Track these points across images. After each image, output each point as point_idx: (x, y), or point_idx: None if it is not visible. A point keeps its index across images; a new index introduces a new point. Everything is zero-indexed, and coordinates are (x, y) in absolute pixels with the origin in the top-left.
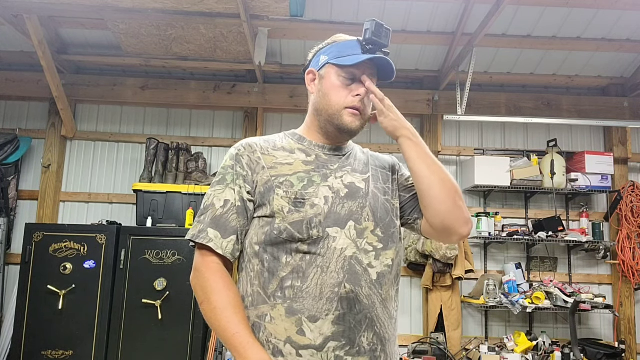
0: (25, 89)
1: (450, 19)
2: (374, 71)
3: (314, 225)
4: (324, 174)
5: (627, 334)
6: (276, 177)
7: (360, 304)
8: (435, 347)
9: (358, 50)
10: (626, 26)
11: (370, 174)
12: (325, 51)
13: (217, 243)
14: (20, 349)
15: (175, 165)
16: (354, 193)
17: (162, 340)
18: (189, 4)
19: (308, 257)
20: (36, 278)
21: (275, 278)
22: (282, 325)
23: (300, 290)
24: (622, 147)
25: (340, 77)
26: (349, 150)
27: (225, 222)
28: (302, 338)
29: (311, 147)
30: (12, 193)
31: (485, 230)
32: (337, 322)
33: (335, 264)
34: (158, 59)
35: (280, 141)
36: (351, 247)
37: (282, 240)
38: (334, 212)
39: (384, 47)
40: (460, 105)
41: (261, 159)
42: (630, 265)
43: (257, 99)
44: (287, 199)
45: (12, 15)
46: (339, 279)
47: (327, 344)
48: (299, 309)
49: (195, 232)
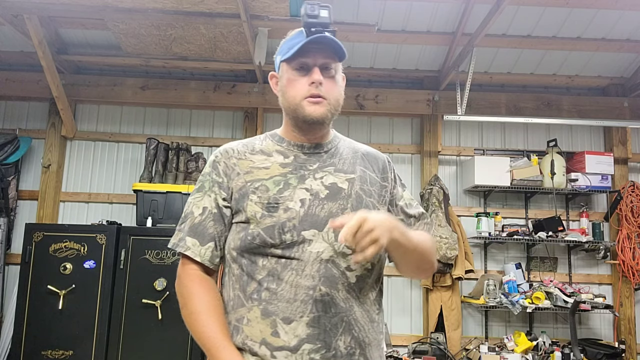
0: (25, 89)
1: (450, 19)
2: (327, 53)
3: (286, 229)
4: (302, 176)
5: (627, 334)
6: (252, 182)
7: (336, 306)
8: (435, 347)
9: (303, 38)
10: (626, 26)
11: (357, 174)
12: (279, 52)
13: (195, 251)
14: (20, 349)
15: (175, 165)
16: (335, 194)
17: (162, 340)
18: (189, 4)
19: (283, 261)
20: (36, 278)
21: (253, 281)
22: (258, 327)
23: (275, 293)
24: (622, 147)
25: (292, 71)
26: (332, 147)
27: (203, 229)
28: (276, 339)
29: (290, 147)
30: (12, 193)
31: (485, 230)
32: (311, 325)
33: (311, 267)
34: (158, 59)
35: (259, 143)
36: (328, 251)
37: (256, 245)
38: (311, 215)
39: (327, 25)
40: (460, 105)
41: (237, 165)
42: (630, 265)
43: (257, 99)
44: (260, 204)
45: (12, 15)
46: (313, 282)
47: (302, 346)
48: (274, 310)
49: (176, 241)
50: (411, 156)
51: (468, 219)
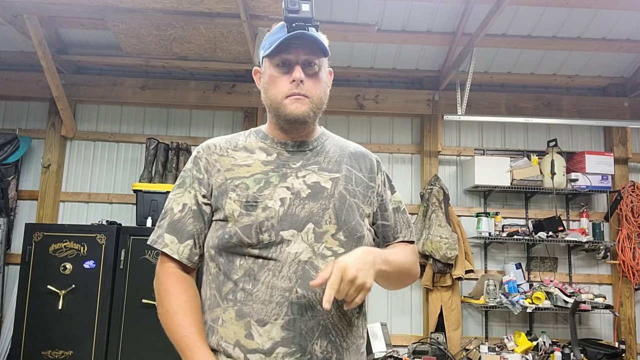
0: (25, 89)
1: (450, 19)
2: (310, 49)
3: (264, 229)
4: (283, 174)
5: (627, 334)
6: (232, 179)
7: (313, 310)
8: (435, 347)
9: (284, 33)
10: (626, 26)
11: (342, 174)
12: (262, 46)
13: (173, 248)
14: (20, 349)
15: (175, 165)
16: (317, 193)
17: (162, 340)
18: (189, 4)
19: (260, 261)
20: (36, 278)
21: (229, 281)
22: (232, 329)
23: (250, 294)
24: (622, 147)
25: (274, 68)
26: (318, 145)
27: (182, 226)
28: (250, 342)
29: (273, 144)
30: (12, 193)
31: (485, 230)
32: (286, 328)
33: (288, 268)
34: (158, 59)
35: (243, 140)
36: (307, 252)
37: (233, 244)
38: (291, 214)
39: (309, 20)
40: (460, 105)
41: (218, 161)
42: (630, 265)
43: (257, 99)
44: (239, 202)
45: (12, 15)
46: (290, 284)
47: (276, 349)
48: (248, 312)
49: (154, 237)
50: (411, 156)
51: (468, 219)
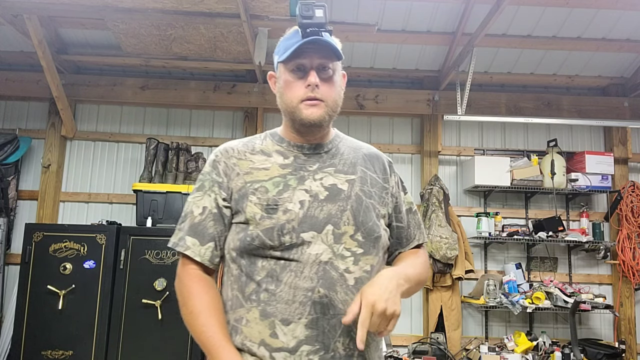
0: (25, 89)
1: (450, 19)
2: (324, 53)
3: (285, 231)
4: (301, 177)
5: (627, 334)
6: (251, 182)
7: (335, 308)
8: (435, 347)
9: (299, 38)
10: (626, 26)
11: (357, 175)
12: (276, 51)
13: (195, 250)
14: (20, 349)
15: (175, 165)
16: (335, 195)
17: (162, 340)
18: (189, 4)
19: (282, 262)
20: (36, 278)
21: (252, 282)
22: (256, 328)
23: (274, 294)
24: (622, 147)
25: (289, 73)
26: (333, 147)
27: (203, 229)
28: (275, 341)
29: (290, 148)
30: (12, 193)
31: (485, 230)
32: (310, 326)
33: (310, 269)
34: (158, 59)
35: (260, 143)
36: (327, 253)
37: (255, 246)
38: (310, 216)
39: (322, 25)
40: (460, 105)
41: (237, 165)
42: (631, 265)
43: (257, 99)
44: (259, 205)
45: (12, 15)
46: (312, 284)
47: (300, 348)
48: (272, 312)
49: (176, 240)
50: (411, 156)
51: (468, 219)
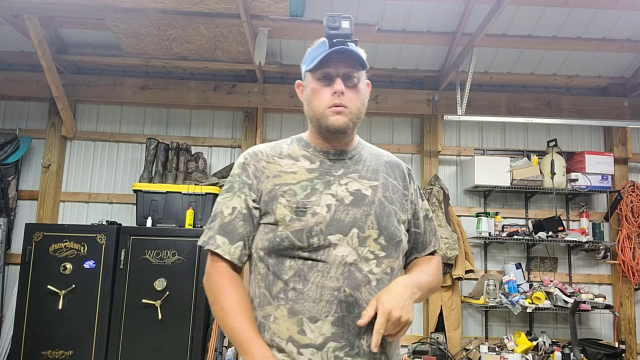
0: (25, 89)
1: (450, 19)
2: (350, 62)
3: (314, 233)
4: (327, 181)
5: (627, 334)
6: (280, 185)
7: (360, 307)
8: (435, 347)
9: (326, 48)
10: (626, 26)
11: (380, 182)
12: (304, 61)
13: (225, 249)
14: (20, 349)
15: (175, 165)
16: (359, 200)
17: (162, 340)
18: (189, 4)
19: (309, 262)
20: (36, 278)
21: (279, 281)
22: (285, 325)
23: (302, 293)
24: (622, 147)
25: (316, 81)
26: (356, 154)
27: (233, 228)
28: (302, 337)
29: (315, 153)
30: (12, 193)
31: (485, 230)
32: (336, 324)
33: (336, 269)
34: (158, 59)
35: (287, 148)
36: (352, 255)
37: (284, 247)
38: (337, 220)
39: (348, 36)
40: (460, 105)
41: (266, 168)
42: (630, 265)
43: (257, 99)
44: (289, 207)
45: (12, 15)
46: (338, 284)
47: (327, 344)
48: (300, 309)
49: (206, 239)
50: (411, 156)
51: (468, 219)
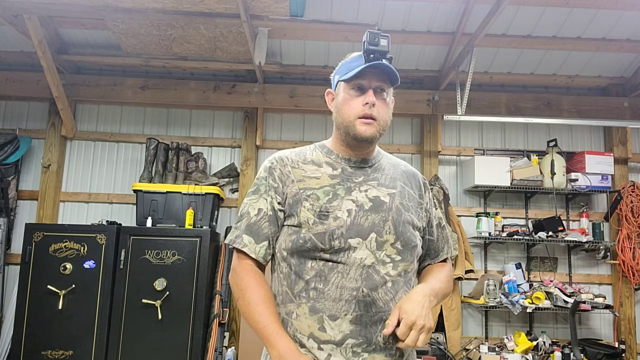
0: (25, 89)
1: (450, 19)
2: (382, 77)
3: (335, 236)
4: (348, 187)
5: (627, 334)
6: (304, 189)
7: (376, 306)
8: (435, 347)
9: (362, 62)
10: (626, 26)
11: (397, 190)
12: (337, 71)
13: (251, 248)
14: (20, 349)
15: (175, 165)
16: (378, 206)
17: (162, 340)
18: (189, 4)
19: (330, 264)
20: (36, 278)
21: (301, 280)
22: (306, 322)
23: (322, 292)
24: (622, 147)
25: (349, 91)
26: (376, 162)
27: (258, 229)
28: (323, 334)
29: (337, 160)
30: (12, 193)
31: (485, 230)
32: (354, 322)
33: (355, 271)
34: (158, 59)
35: (310, 154)
36: (370, 258)
37: (307, 248)
38: (357, 224)
39: (385, 53)
40: (460, 105)
41: (291, 173)
42: (630, 265)
43: (257, 99)
44: (312, 211)
45: (12, 15)
46: (357, 284)
47: (346, 341)
48: (321, 308)
49: (233, 237)
50: (411, 156)
51: (468, 219)
